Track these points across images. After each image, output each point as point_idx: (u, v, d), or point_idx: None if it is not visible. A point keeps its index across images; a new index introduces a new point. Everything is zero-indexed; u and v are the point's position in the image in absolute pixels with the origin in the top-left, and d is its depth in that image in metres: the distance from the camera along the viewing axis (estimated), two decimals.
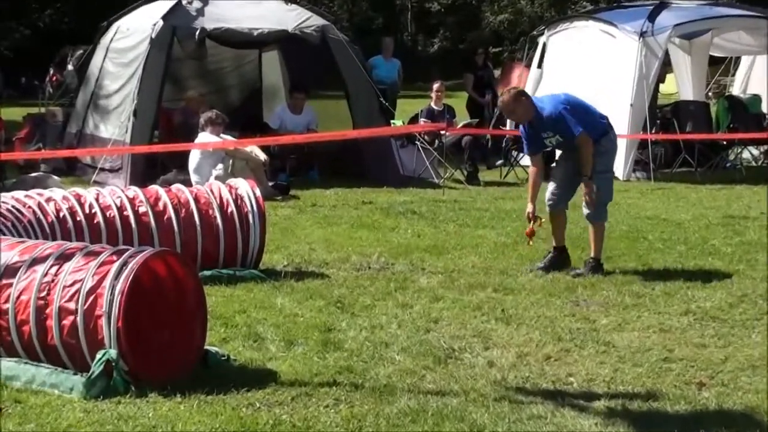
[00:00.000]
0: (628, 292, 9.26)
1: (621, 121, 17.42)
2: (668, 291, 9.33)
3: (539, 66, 20.06)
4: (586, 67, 18.64)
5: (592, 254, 10.12)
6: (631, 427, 5.98)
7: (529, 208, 10.17)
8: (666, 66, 19.61)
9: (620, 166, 17.52)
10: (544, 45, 20.04)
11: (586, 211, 10.16)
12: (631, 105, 17.51)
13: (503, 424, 6.00)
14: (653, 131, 18.24)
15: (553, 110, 9.92)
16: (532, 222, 10.14)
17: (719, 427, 5.97)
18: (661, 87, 20.36)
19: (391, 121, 17.67)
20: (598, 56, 18.50)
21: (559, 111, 9.91)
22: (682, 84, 21.52)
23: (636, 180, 17.59)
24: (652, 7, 18.52)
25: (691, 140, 18.29)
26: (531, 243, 10.36)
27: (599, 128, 10.15)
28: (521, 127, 10.31)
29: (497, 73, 23.44)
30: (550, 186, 10.37)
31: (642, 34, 17.78)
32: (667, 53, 19.11)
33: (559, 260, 10.24)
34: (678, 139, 18.49)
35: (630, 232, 12.38)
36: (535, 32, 21.41)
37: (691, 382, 6.85)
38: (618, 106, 17.52)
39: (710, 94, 23.34)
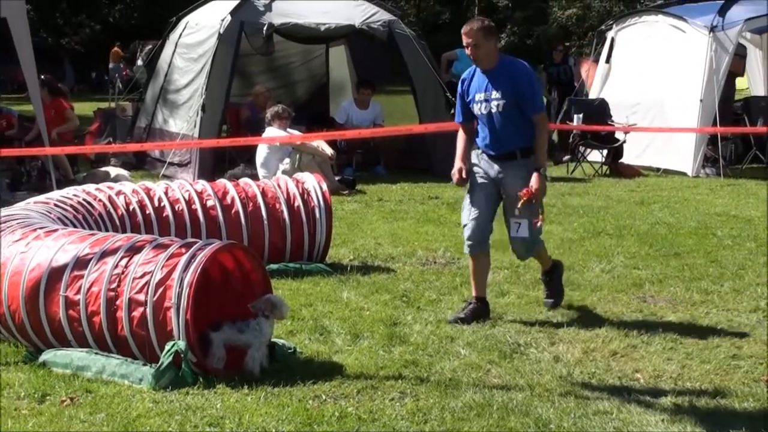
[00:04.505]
0: (696, 289, 9.18)
1: (691, 117, 17.34)
2: (737, 288, 9.24)
3: (607, 61, 19.93)
4: (654, 62, 18.50)
5: (545, 267, 8.58)
6: (698, 424, 5.94)
7: (459, 164, 8.07)
8: (741, 58, 19.30)
9: (689, 162, 17.41)
10: (613, 40, 19.90)
11: (519, 251, 8.39)
12: (701, 101, 17.32)
13: (569, 420, 5.99)
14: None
15: (523, 68, 8.08)
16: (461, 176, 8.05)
17: None
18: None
19: None
20: (667, 51, 18.34)
21: (530, 73, 8.15)
22: (754, 79, 21.27)
23: (705, 176, 17.40)
24: (722, 2, 18.27)
25: (761, 135, 18.04)
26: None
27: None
28: (463, 82, 8.15)
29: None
30: (468, 224, 8.21)
31: (712, 29, 17.58)
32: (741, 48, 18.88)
33: (480, 311, 8.22)
34: (749, 135, 18.28)
35: (699, 228, 12.27)
36: (603, 27, 21.25)
37: (760, 379, 6.78)
38: (688, 102, 17.41)
39: None
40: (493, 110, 7.95)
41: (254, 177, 12.57)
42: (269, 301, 6.92)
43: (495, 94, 7.91)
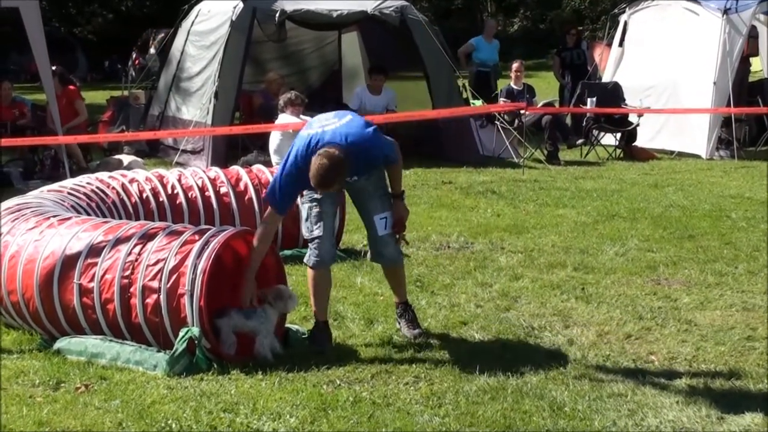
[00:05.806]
0: (711, 271, 9.16)
1: (704, 99, 17.28)
2: (752, 270, 9.22)
3: (620, 45, 19.87)
4: (668, 45, 18.43)
5: (398, 298, 7.54)
6: (712, 406, 5.93)
7: (249, 289, 6.85)
8: (753, 39, 19.22)
9: (703, 144, 17.36)
10: (626, 23, 19.83)
11: (391, 252, 7.54)
12: (715, 83, 17.26)
13: (583, 402, 5.99)
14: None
15: (362, 141, 7.29)
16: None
17: None
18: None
19: (471, 101, 17.62)
20: (681, 34, 18.26)
21: (369, 138, 7.40)
22: (766, 61, 21.17)
23: (719, 158, 17.35)
24: None
25: None
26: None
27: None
28: (301, 172, 7.33)
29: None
30: (322, 239, 7.26)
31: (726, 11, 17.51)
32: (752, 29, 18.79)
33: (325, 334, 7.23)
34: (763, 117, 18.21)
35: (713, 210, 12.24)
36: (616, 10, 21.15)
37: None
38: (701, 85, 17.35)
39: None
40: (358, 186, 7.47)
41: (267, 163, 12.57)
42: (278, 291, 6.89)
43: (355, 179, 7.38)
